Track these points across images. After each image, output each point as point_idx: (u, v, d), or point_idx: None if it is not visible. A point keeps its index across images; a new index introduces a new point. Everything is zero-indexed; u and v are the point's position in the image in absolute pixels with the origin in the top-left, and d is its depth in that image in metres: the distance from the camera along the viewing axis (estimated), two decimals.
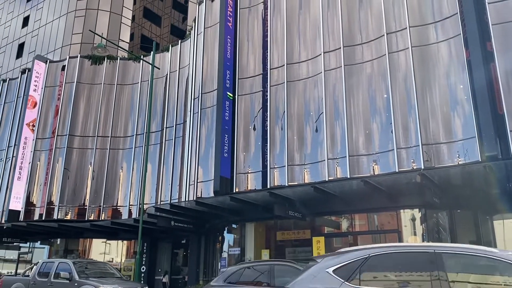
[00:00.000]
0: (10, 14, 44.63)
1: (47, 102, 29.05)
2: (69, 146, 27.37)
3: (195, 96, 22.71)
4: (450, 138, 14.58)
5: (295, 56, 19.29)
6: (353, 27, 17.92)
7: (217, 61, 20.91)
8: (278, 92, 19.22)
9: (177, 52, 27.07)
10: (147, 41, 42.67)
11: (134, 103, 28.08)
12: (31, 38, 40.14)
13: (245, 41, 21.20)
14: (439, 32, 15.77)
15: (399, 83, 16.10)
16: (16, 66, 40.43)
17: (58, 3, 38.46)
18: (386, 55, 16.57)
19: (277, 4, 20.52)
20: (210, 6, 23.25)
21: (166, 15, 46.43)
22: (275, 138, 18.71)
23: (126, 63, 29.20)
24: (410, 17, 16.34)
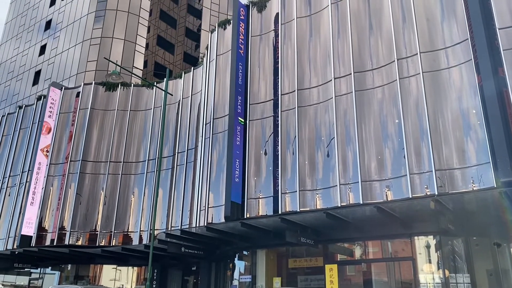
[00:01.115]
0: (28, 42, 45.94)
1: (61, 128, 29.51)
2: (81, 171, 27.61)
3: (207, 121, 22.89)
4: (463, 164, 14.40)
5: (306, 82, 19.43)
6: (363, 53, 18.06)
7: (229, 87, 21.15)
8: (289, 117, 19.29)
9: (190, 79, 27.47)
10: (160, 68, 43.46)
11: (146, 129, 28.39)
12: (47, 66, 41.15)
13: (256, 68, 21.47)
14: (450, 58, 15.80)
15: (411, 108, 16.06)
16: (32, 93, 41.35)
17: (75, 32, 39.54)
18: (397, 80, 16.61)
19: (287, 32, 20.83)
20: (222, 34, 23.69)
21: (179, 43, 47.37)
22: (286, 163, 18.66)
23: (139, 89, 29.69)
24: (421, 43, 16.44)
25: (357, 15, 18.71)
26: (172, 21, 47.85)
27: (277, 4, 21.70)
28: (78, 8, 40.58)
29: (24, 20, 48.62)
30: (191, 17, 49.43)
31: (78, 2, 40.97)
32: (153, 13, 44.84)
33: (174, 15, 48.13)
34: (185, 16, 49.13)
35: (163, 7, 46.76)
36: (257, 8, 22.54)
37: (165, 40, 46.18)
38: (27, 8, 48.93)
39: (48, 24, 44.18)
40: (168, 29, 46.76)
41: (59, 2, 44.01)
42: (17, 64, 46.10)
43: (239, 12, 22.20)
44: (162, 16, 46.46)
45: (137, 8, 39.29)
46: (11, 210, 30.17)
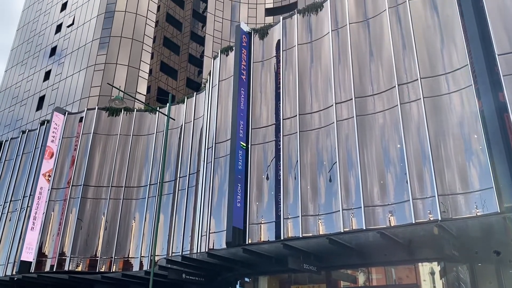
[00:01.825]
0: (33, 68, 46.59)
1: (64, 153, 29.59)
2: (83, 196, 27.54)
3: (209, 146, 22.95)
4: (466, 189, 14.32)
5: (307, 107, 19.56)
6: (364, 79, 18.24)
7: (231, 111, 21.30)
8: (291, 142, 19.34)
9: (192, 104, 27.70)
10: (163, 93, 43.87)
11: (148, 154, 28.45)
12: (51, 91, 41.61)
13: (258, 93, 21.66)
14: (450, 83, 15.94)
15: (413, 133, 16.09)
16: (36, 118, 41.67)
17: (79, 58, 40.14)
18: (398, 105, 16.71)
19: (289, 58, 21.10)
20: (225, 60, 24.02)
21: (182, 69, 47.98)
22: (288, 188, 18.60)
23: (142, 114, 29.90)
24: (421, 68, 16.61)
25: (358, 41, 18.99)
26: (176, 48, 48.60)
27: (279, 31, 22.07)
28: (83, 35, 41.32)
29: (30, 46, 49.46)
30: (194, 44, 50.24)
31: (83, 29, 41.74)
32: (157, 40, 45.60)
33: (177, 42, 48.92)
34: (188, 43, 49.93)
35: (167, 34, 47.58)
36: (259, 35, 22.92)
37: (168, 66, 46.79)
38: (33, 35, 49.84)
39: (53, 51, 44.90)
40: (171, 55, 47.45)
41: (64, 29, 44.85)
42: (22, 89, 46.64)
43: (242, 39, 22.56)
44: (165, 42, 47.23)
45: (141, 35, 39.99)
46: (12, 235, 29.95)
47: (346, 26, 19.44)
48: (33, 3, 53.14)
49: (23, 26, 52.87)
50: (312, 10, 21.24)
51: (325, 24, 20.46)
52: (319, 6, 21.09)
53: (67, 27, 44.40)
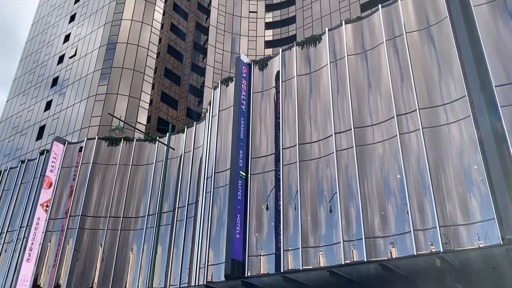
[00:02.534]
0: (34, 98, 46.98)
1: (63, 183, 29.44)
2: (80, 227, 27.21)
3: (208, 175, 22.87)
4: (468, 220, 14.17)
5: (307, 137, 19.61)
6: (363, 109, 18.36)
7: (231, 141, 21.34)
8: (290, 172, 19.28)
9: (192, 134, 27.78)
10: (163, 123, 44.09)
11: (147, 184, 28.30)
12: (52, 121, 41.81)
13: (258, 123, 21.76)
14: (449, 114, 16.04)
15: (412, 164, 16.07)
16: (36, 147, 41.69)
17: (80, 88, 40.54)
18: (397, 136, 16.76)
19: (288, 89, 21.32)
20: (225, 90, 24.26)
21: (182, 99, 48.44)
22: (288, 218, 18.40)
23: (142, 144, 29.92)
24: (419, 99, 16.75)
25: (356, 73, 19.24)
26: (177, 78, 49.21)
27: (278, 63, 22.39)
28: (85, 66, 41.88)
29: (32, 77, 50.04)
30: (195, 75, 50.89)
31: (85, 60, 42.35)
32: (158, 71, 46.21)
33: (178, 72, 49.59)
34: (189, 74, 50.59)
35: (168, 65, 48.27)
36: (258, 66, 23.24)
37: (169, 96, 47.24)
38: (36, 66, 50.52)
39: (55, 81, 45.40)
40: (172, 86, 47.99)
41: (66, 60, 45.50)
42: (22, 119, 46.89)
43: (242, 70, 22.87)
44: (166, 73, 47.84)
45: (142, 66, 40.53)
46: (7, 266, 29.42)
47: (344, 58, 19.74)
48: (37, 35, 54.15)
49: (26, 57, 53.67)
50: (310, 42, 21.63)
51: (323, 56, 20.78)
52: (317, 38, 21.48)
53: (69, 58, 45.05)
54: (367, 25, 20.01)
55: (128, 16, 41.49)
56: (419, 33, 18.01)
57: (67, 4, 50.91)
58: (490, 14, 16.13)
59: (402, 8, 18.86)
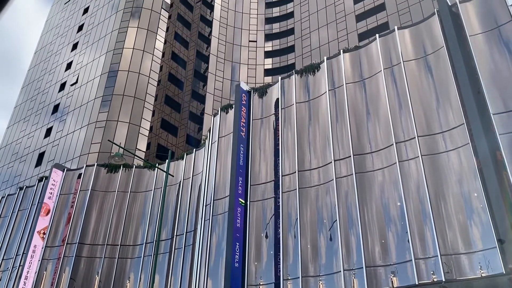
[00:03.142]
0: (34, 125, 47.20)
1: (60, 210, 29.21)
2: (77, 254, 26.83)
3: (207, 202, 22.72)
4: (469, 249, 14.01)
5: (306, 164, 19.60)
6: (362, 137, 18.43)
7: (230, 168, 21.30)
8: (290, 199, 19.16)
9: (191, 160, 27.76)
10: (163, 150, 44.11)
11: (146, 211, 28.08)
12: (51, 148, 41.86)
13: (257, 149, 21.78)
14: (447, 141, 16.09)
15: (412, 192, 16.00)
16: (34, 174, 41.57)
17: (81, 115, 40.78)
18: (396, 163, 16.76)
19: (287, 116, 21.45)
20: (225, 117, 24.39)
21: (182, 126, 48.64)
22: (288, 247, 18.18)
23: (141, 171, 29.85)
24: (418, 127, 16.84)
25: (354, 100, 19.40)
26: (177, 106, 49.58)
27: (277, 90, 22.60)
28: (86, 93, 42.26)
29: (33, 104, 50.41)
30: (195, 102, 51.29)
31: (87, 88, 42.77)
32: (159, 98, 46.59)
33: (178, 100, 50.00)
34: (189, 101, 50.99)
35: (169, 93, 48.72)
36: (258, 93, 23.45)
37: (169, 123, 47.46)
38: (37, 93, 50.97)
39: (56, 108, 45.71)
40: (172, 113, 48.29)
41: (68, 88, 45.94)
42: (22, 146, 46.95)
43: (241, 97, 23.06)
44: (167, 101, 48.23)
45: (143, 94, 40.91)
46: None
47: (343, 86, 19.95)
48: (39, 63, 54.87)
49: (28, 84, 54.22)
50: (309, 70, 21.91)
51: (322, 84, 21.00)
52: (316, 67, 21.77)
53: (71, 85, 45.50)
54: (365, 54, 20.32)
55: (129, 44, 42.14)
56: (417, 62, 18.27)
57: (70, 33, 51.80)
58: (486, 43, 16.42)
59: (399, 37, 19.21)
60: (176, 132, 48.58)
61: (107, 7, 47.24)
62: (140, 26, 43.36)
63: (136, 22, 43.37)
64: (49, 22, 59.18)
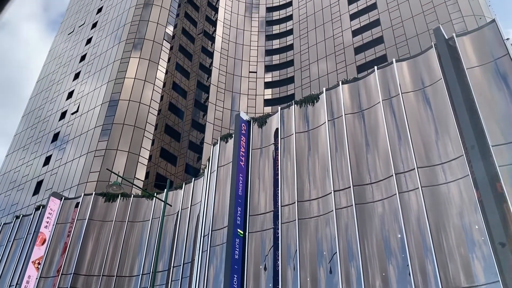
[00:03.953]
0: (34, 153, 47.18)
1: (56, 239, 28.81)
2: (72, 286, 26.26)
3: (205, 233, 22.42)
4: (472, 282, 13.73)
5: (306, 194, 19.46)
6: (361, 167, 18.38)
7: (229, 198, 21.14)
8: (289, 230, 18.92)
9: (190, 190, 27.59)
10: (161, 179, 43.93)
11: (143, 241, 27.69)
12: (50, 176, 41.69)
13: (256, 179, 21.69)
14: (447, 173, 16.04)
15: (412, 224, 15.83)
16: (32, 203, 41.24)
17: (80, 144, 40.83)
18: (396, 194, 16.65)
19: (287, 146, 21.47)
20: (224, 147, 24.41)
21: (181, 155, 48.64)
22: (287, 279, 17.82)
23: (139, 200, 29.63)
24: (417, 158, 16.82)
25: (354, 131, 19.46)
26: (177, 135, 49.73)
27: (277, 120, 22.71)
28: (86, 122, 42.46)
29: (33, 132, 50.57)
30: (195, 131, 51.48)
31: (87, 116, 43.01)
32: (159, 127, 46.78)
33: (178, 129, 50.20)
34: (189, 130, 51.18)
35: (169, 122, 48.96)
36: (258, 123, 23.55)
37: (168, 153, 47.46)
38: (38, 121, 51.22)
39: (56, 136, 45.81)
40: (172, 142, 48.38)
41: (68, 116, 46.20)
42: (20, 174, 46.76)
43: (241, 126, 23.15)
44: (167, 130, 48.41)
45: (143, 123, 41.10)
46: None
47: (342, 116, 20.07)
48: (41, 91, 55.39)
49: (29, 113, 54.55)
50: (308, 101, 22.08)
51: (321, 114, 21.13)
52: (315, 97, 21.96)
53: (71, 114, 45.77)
54: (363, 85, 20.55)
55: (131, 74, 42.66)
56: (415, 94, 18.44)
57: (72, 63, 52.53)
58: (483, 76, 16.63)
59: (397, 69, 19.47)
60: (175, 161, 48.54)
61: (110, 38, 48.10)
62: (142, 56, 44.02)
63: (138, 53, 44.06)
64: (52, 51, 60.14)
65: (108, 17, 51.83)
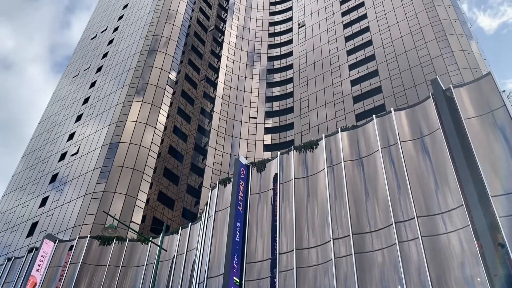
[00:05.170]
0: (30, 194, 46.80)
1: (48, 283, 27.98)
2: None
3: (200, 280, 21.83)
4: None
5: (304, 242, 19.13)
6: (360, 216, 18.19)
7: (226, 244, 20.76)
8: (287, 280, 18.43)
9: (186, 235, 27.15)
10: (158, 223, 43.36)
11: (136, 287, 26.89)
12: (45, 218, 41.14)
13: (254, 225, 21.39)
14: (447, 223, 15.85)
15: (413, 275, 15.45)
16: (25, 244, 40.44)
17: (78, 186, 40.60)
18: (396, 244, 16.37)
19: (286, 192, 21.35)
20: (222, 191, 24.27)
21: (179, 199, 48.26)
22: None
23: (134, 244, 29.07)
24: (417, 207, 16.69)
25: (353, 179, 19.43)
26: (175, 178, 49.56)
27: (276, 165, 22.72)
28: (86, 164, 42.44)
29: (32, 173, 50.42)
30: (194, 175, 51.37)
31: (87, 158, 43.05)
32: (158, 170, 46.72)
33: (177, 172, 50.12)
34: (188, 174, 51.09)
35: (168, 165, 48.97)
36: (257, 168, 23.55)
37: (166, 196, 47.11)
38: (37, 162, 51.20)
39: (54, 178, 45.62)
40: (170, 185, 48.15)
41: (68, 158, 46.24)
42: (16, 215, 46.16)
43: (240, 171, 23.13)
44: (166, 173, 48.30)
45: (142, 166, 41.08)
46: None
47: (341, 163, 20.10)
48: (42, 132, 55.78)
49: (29, 153, 54.65)
50: (308, 147, 22.21)
51: (320, 161, 21.17)
52: (314, 144, 22.10)
53: (71, 155, 45.83)
54: (362, 133, 20.74)
55: (133, 117, 43.17)
56: (413, 143, 18.57)
57: (75, 105, 53.28)
58: (481, 127, 16.82)
59: (395, 118, 19.72)
60: (172, 205, 48.11)
61: (114, 82, 49.06)
62: (145, 100, 44.73)
63: (141, 97, 44.81)
64: (56, 94, 61.16)
65: (113, 62, 53.14)
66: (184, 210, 48.44)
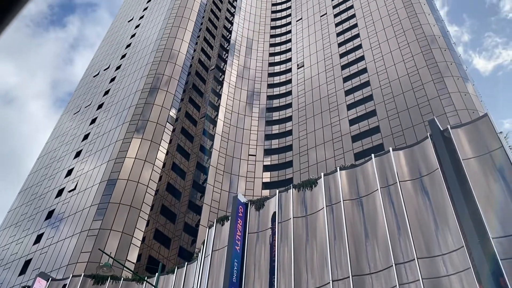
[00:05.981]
0: (25, 231, 46.10)
1: None
2: None
3: None
4: None
5: (303, 284, 18.68)
6: (360, 257, 17.88)
7: (222, 285, 20.25)
8: None
9: (182, 275, 26.54)
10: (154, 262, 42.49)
11: None
12: (39, 255, 40.34)
13: (252, 265, 20.96)
14: (448, 265, 15.57)
15: None
16: (17, 283, 39.44)
17: (74, 223, 40.07)
18: (396, 286, 16.00)
19: (284, 231, 21.07)
20: (220, 229, 23.94)
21: (176, 238, 47.54)
22: None
23: (129, 284, 28.37)
24: (417, 249, 16.43)
25: (352, 218, 19.23)
26: (172, 216, 49.01)
27: (275, 204, 22.54)
28: (83, 200, 42.07)
29: (28, 209, 49.87)
30: (191, 213, 50.84)
31: (84, 195, 42.72)
32: (155, 208, 46.28)
33: (175, 210, 49.64)
34: (185, 212, 50.56)
35: (165, 203, 48.56)
36: (255, 206, 23.35)
37: (163, 234, 46.42)
38: (34, 198, 50.75)
39: (50, 214, 45.08)
40: (167, 223, 47.55)
41: (65, 194, 45.90)
42: (9, 252, 45.28)
43: (238, 209, 22.91)
44: (163, 211, 47.82)
45: (139, 203, 40.71)
46: None
47: (340, 202, 19.96)
48: (41, 168, 55.62)
49: (26, 189, 54.28)
50: (307, 186, 22.11)
51: (319, 200, 21.03)
52: (313, 182, 22.02)
53: (69, 192, 45.51)
54: (361, 172, 20.71)
55: (132, 154, 43.21)
56: (412, 183, 18.52)
57: (75, 141, 53.44)
58: (479, 167, 16.83)
59: (394, 158, 19.76)
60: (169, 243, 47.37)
61: (114, 119, 49.48)
62: (144, 137, 44.96)
63: (140, 134, 45.07)
64: (56, 129, 61.49)
65: (114, 99, 53.82)
66: (180, 249, 47.62)
